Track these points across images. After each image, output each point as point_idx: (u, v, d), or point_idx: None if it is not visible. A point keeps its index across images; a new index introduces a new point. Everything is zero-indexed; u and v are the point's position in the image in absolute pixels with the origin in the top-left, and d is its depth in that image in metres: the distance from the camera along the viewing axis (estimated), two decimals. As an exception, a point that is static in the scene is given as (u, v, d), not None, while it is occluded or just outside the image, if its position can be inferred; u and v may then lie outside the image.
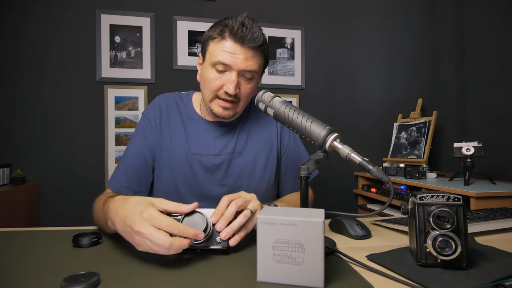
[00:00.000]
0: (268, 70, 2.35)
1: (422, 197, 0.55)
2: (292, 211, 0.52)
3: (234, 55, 0.83)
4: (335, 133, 0.68)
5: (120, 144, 2.13)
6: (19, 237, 0.74)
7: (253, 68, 0.86)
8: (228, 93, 0.85)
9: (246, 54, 0.84)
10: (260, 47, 0.85)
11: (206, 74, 0.88)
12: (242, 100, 0.90)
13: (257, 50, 0.85)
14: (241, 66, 0.84)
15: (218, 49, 0.85)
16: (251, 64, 0.85)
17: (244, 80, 0.87)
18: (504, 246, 0.65)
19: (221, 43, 0.84)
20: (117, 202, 0.62)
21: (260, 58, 0.88)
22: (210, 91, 0.88)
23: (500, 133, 1.96)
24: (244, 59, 0.83)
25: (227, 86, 0.85)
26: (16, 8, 2.01)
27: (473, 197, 1.41)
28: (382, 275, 0.52)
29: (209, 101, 0.90)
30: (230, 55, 0.83)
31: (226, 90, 0.85)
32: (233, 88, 0.84)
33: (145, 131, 0.97)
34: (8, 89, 2.00)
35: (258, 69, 0.88)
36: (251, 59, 0.85)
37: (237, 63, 0.83)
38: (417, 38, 2.59)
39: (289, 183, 1.07)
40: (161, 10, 2.20)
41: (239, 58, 0.83)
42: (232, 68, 0.84)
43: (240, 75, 0.86)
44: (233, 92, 0.85)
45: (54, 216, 2.04)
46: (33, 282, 0.49)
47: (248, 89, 0.89)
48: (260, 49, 0.86)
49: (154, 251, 0.53)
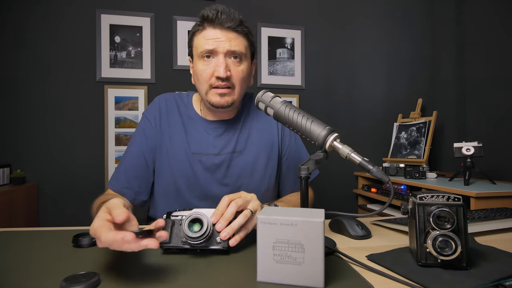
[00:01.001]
0: (268, 70, 2.35)
1: (422, 197, 0.55)
2: (292, 211, 0.52)
3: (216, 39, 0.86)
4: (335, 133, 0.68)
5: (120, 144, 2.13)
6: (19, 237, 0.74)
7: (238, 48, 0.88)
8: (220, 78, 0.86)
9: (227, 36, 0.87)
10: (239, 26, 0.88)
11: (196, 68, 0.90)
12: (237, 84, 0.90)
13: (238, 30, 0.88)
14: (225, 47, 0.86)
15: (201, 40, 0.88)
16: (235, 44, 0.87)
17: (232, 63, 0.89)
18: (504, 246, 0.65)
19: (202, 33, 0.88)
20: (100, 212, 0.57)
21: (243, 39, 0.90)
22: (203, 83, 0.89)
23: (500, 133, 1.96)
24: (226, 40, 0.86)
25: (218, 71, 0.86)
26: (16, 8, 2.01)
27: (473, 197, 1.41)
28: (382, 275, 0.52)
29: (206, 94, 0.90)
30: (213, 41, 0.86)
31: (217, 74, 0.86)
32: (223, 70, 0.86)
33: (146, 131, 0.97)
34: (8, 89, 2.00)
35: (244, 51, 0.90)
36: (234, 39, 0.87)
37: (221, 45, 0.86)
38: (417, 38, 2.58)
39: (289, 183, 1.07)
40: (161, 10, 2.20)
41: (221, 41, 0.86)
42: (217, 51, 0.87)
43: (227, 57, 0.88)
44: (223, 74, 0.86)
45: (54, 216, 2.04)
46: (33, 282, 0.49)
47: (239, 72, 0.90)
48: (240, 28, 0.88)
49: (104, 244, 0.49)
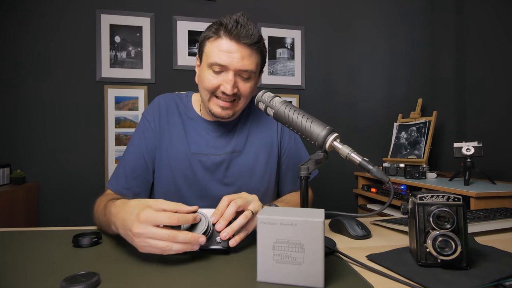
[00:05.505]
0: (268, 70, 2.35)
1: (422, 197, 0.55)
2: (292, 211, 0.52)
3: (230, 54, 0.83)
4: (335, 133, 0.68)
5: (120, 144, 2.13)
6: (19, 237, 0.74)
7: (250, 67, 0.85)
8: (225, 93, 0.85)
9: (242, 52, 0.83)
10: (255, 44, 0.85)
11: (203, 75, 0.88)
12: (243, 98, 0.90)
13: (253, 47, 0.85)
14: (238, 65, 0.83)
15: (214, 49, 0.84)
16: (248, 64, 0.85)
17: (241, 80, 0.87)
18: (504, 246, 0.65)
19: (217, 42, 0.84)
20: (118, 207, 0.62)
21: (256, 56, 0.87)
22: (207, 91, 0.88)
23: (500, 133, 1.96)
24: (240, 58, 0.83)
25: (225, 87, 0.84)
26: (16, 8, 2.01)
27: (473, 197, 1.41)
28: (382, 275, 0.52)
29: (207, 101, 0.90)
30: (226, 55, 0.83)
31: (224, 90, 0.85)
32: (230, 88, 0.84)
33: (145, 132, 0.97)
34: (8, 89, 2.00)
35: (255, 69, 0.88)
36: (247, 58, 0.84)
37: (233, 62, 0.83)
38: (417, 38, 2.58)
39: (289, 183, 1.07)
40: (161, 10, 2.20)
41: (235, 58, 0.83)
42: (228, 68, 0.84)
43: (237, 75, 0.86)
44: (230, 92, 0.85)
45: (54, 216, 2.04)
46: (33, 282, 0.49)
47: (247, 88, 0.89)
48: (256, 46, 0.85)
49: (158, 249, 0.53)
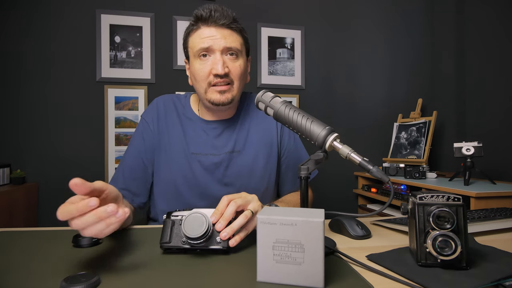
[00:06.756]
0: (268, 70, 2.35)
1: (422, 197, 0.55)
2: (292, 211, 0.51)
3: (211, 37, 0.86)
4: (335, 133, 0.68)
5: (120, 144, 2.13)
6: (19, 237, 0.74)
7: (234, 44, 0.88)
8: (218, 75, 0.86)
9: (222, 33, 0.87)
10: (233, 23, 0.88)
11: (194, 70, 0.90)
12: (236, 80, 0.91)
13: (232, 26, 0.88)
14: (221, 43, 0.86)
15: (196, 39, 0.88)
16: (230, 41, 0.88)
17: (229, 59, 0.89)
18: (504, 246, 0.65)
19: (197, 32, 0.88)
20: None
21: (237, 35, 0.90)
22: (201, 82, 0.89)
23: (500, 133, 1.96)
24: (222, 37, 0.87)
25: (215, 68, 0.86)
26: (16, 8, 2.01)
27: (473, 197, 1.41)
28: (382, 275, 0.52)
29: (205, 93, 0.90)
30: (208, 39, 0.86)
31: (215, 72, 0.86)
32: (221, 67, 0.86)
33: (143, 133, 0.97)
34: (8, 89, 2.00)
35: (240, 47, 0.90)
36: (229, 36, 0.88)
37: (216, 42, 0.86)
38: (417, 38, 2.58)
39: (288, 183, 1.07)
40: (161, 10, 2.20)
41: (217, 38, 0.86)
42: (213, 49, 0.87)
43: (223, 54, 0.88)
44: (222, 71, 0.86)
45: (54, 216, 2.01)
46: (33, 282, 0.49)
47: (237, 67, 0.90)
48: (234, 25, 0.89)
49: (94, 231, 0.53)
